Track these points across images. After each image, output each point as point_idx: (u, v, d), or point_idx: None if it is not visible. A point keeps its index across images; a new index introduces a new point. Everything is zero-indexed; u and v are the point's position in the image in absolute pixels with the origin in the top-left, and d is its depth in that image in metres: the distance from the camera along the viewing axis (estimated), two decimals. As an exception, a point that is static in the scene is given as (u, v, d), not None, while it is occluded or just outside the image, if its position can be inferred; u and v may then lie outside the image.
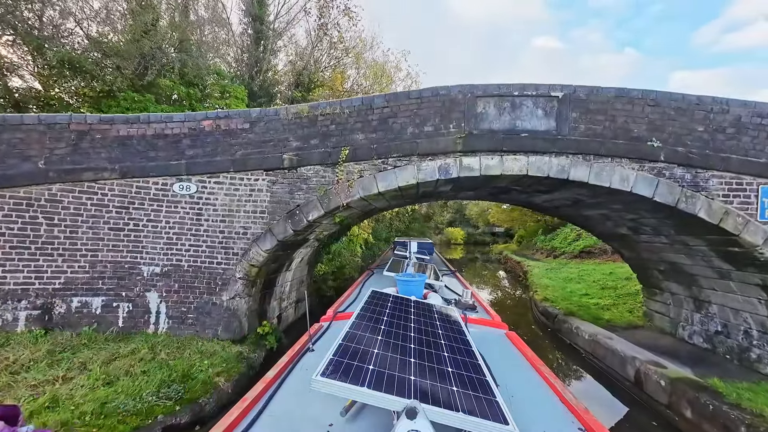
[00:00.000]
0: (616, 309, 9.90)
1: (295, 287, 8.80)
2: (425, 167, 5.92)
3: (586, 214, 7.94)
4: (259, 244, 6.23)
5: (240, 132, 6.29)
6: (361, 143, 6.07)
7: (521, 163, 5.74)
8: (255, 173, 6.29)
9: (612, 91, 5.64)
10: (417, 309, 3.40)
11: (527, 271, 17.83)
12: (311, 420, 2.07)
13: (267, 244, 6.21)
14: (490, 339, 3.62)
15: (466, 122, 5.84)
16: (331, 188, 6.13)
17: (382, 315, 2.97)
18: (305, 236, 7.06)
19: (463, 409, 1.74)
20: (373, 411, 2.06)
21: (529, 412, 2.24)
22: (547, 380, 2.75)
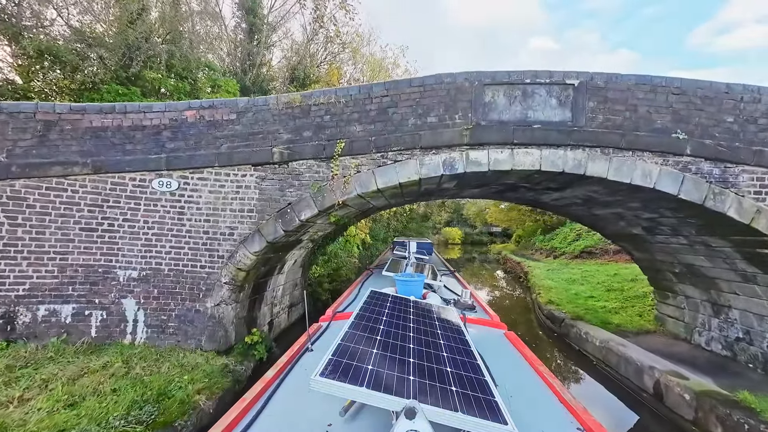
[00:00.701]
0: (625, 312, 9.41)
1: (288, 291, 8.23)
2: (428, 162, 5.38)
3: (597, 214, 7.43)
4: (247, 246, 5.66)
5: (226, 123, 5.71)
6: (358, 135, 5.52)
7: (533, 157, 5.21)
8: (242, 168, 5.72)
9: (632, 78, 5.13)
10: (416, 309, 3.37)
11: (528, 272, 17.35)
12: (310, 420, 2.06)
13: (255, 245, 5.64)
14: (488, 339, 3.60)
15: (473, 112, 5.31)
16: (326, 185, 5.58)
17: (381, 315, 2.95)
18: (298, 237, 6.50)
19: (462, 409, 1.73)
20: (372, 411, 2.05)
21: (528, 412, 2.22)
22: (545, 380, 2.73)
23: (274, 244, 5.83)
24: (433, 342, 2.64)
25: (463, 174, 5.41)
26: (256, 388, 2.40)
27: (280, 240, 5.82)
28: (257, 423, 2.05)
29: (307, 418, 2.10)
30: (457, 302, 4.86)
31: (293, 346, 3.16)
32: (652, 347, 7.35)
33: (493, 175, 5.59)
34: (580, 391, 6.74)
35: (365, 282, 6.84)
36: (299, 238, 6.61)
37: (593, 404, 6.03)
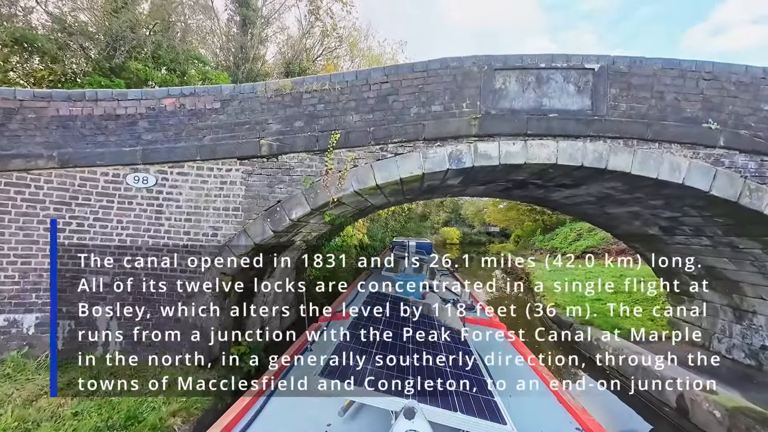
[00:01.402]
0: (636, 316, 8.90)
1: (281, 295, 7.66)
2: (433, 155, 4.83)
3: (610, 213, 6.92)
4: (232, 248, 5.08)
5: (209, 113, 5.14)
6: (355, 126, 4.97)
7: (549, 149, 4.67)
8: (227, 162, 5.14)
9: (658, 62, 4.61)
10: (415, 309, 3.31)
11: (529, 273, 16.86)
12: (309, 420, 2.07)
13: (241, 247, 5.06)
14: (488, 339, 3.58)
15: (482, 100, 4.76)
16: (319, 180, 5.02)
17: (380, 315, 2.96)
18: (290, 238, 5.93)
19: (461, 409, 1.72)
20: (372, 411, 2.02)
21: (527, 412, 2.19)
22: (544, 380, 2.76)
23: (263, 246, 5.26)
24: (432, 342, 2.61)
25: (471, 169, 4.87)
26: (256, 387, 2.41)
27: (270, 241, 5.25)
28: (257, 422, 2.06)
29: (306, 417, 2.08)
30: (457, 302, 4.81)
31: (293, 345, 3.15)
32: (669, 355, 6.85)
33: (503, 170, 5.05)
34: (595, 405, 6.21)
35: (365, 282, 6.77)
36: (291, 239, 6.04)
37: (609, 419, 5.54)
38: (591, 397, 6.00)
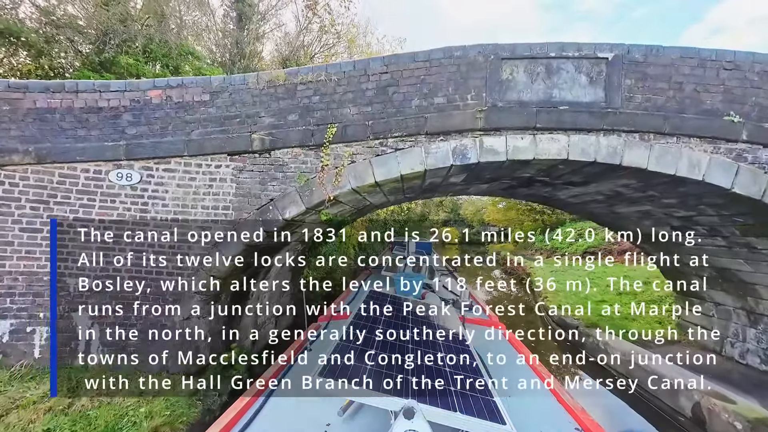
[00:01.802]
0: (643, 319, 8.61)
1: (276, 298, 7.33)
2: (435, 150, 4.52)
3: (619, 212, 6.61)
4: (222, 250, 4.75)
5: (198, 105, 4.81)
6: (352, 119, 4.65)
7: (560, 144, 4.36)
8: (216, 158, 4.82)
9: (676, 51, 4.30)
10: (415, 309, 3.34)
11: (530, 274, 16.56)
12: (309, 419, 2.05)
13: (232, 249, 4.74)
14: (487, 339, 3.59)
15: (488, 92, 4.45)
16: (314, 177, 4.69)
17: (379, 315, 2.91)
18: (284, 238, 5.60)
19: (460, 408, 1.71)
20: (371, 410, 2.02)
21: (526, 412, 2.20)
22: (544, 380, 2.72)
23: (255, 247, 4.93)
24: (431, 342, 2.60)
25: (476, 165, 4.56)
26: (255, 387, 2.37)
27: (262, 242, 4.93)
28: (256, 422, 2.03)
29: (305, 417, 2.07)
30: (456, 302, 4.70)
31: (292, 345, 3.12)
32: (679, 360, 6.57)
33: (510, 166, 4.74)
34: (603, 413, 5.91)
35: (364, 282, 6.64)
36: (286, 239, 5.71)
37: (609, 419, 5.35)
38: (591, 397, 5.89)
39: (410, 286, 4.63)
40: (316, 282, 9.37)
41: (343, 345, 2.12)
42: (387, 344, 2.33)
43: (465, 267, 21.87)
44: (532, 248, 25.25)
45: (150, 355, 4.70)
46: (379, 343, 2.32)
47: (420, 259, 8.75)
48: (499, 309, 11.63)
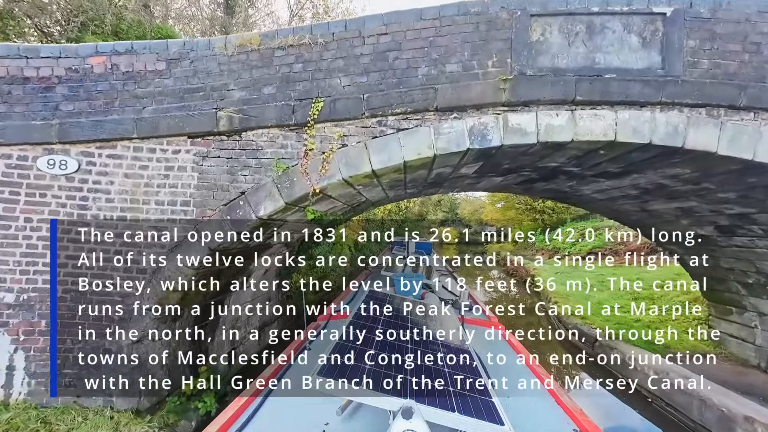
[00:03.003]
0: (667, 328, 7.69)
1: (259, 308, 6.33)
2: (448, 130, 3.55)
3: (652, 209, 5.69)
4: (182, 256, 3.76)
5: (151, 76, 3.82)
6: (344, 92, 3.67)
7: (606, 121, 3.41)
8: (174, 141, 3.82)
9: (751, 4, 3.36)
10: (414, 309, 3.31)
11: (534, 275, 15.65)
12: (307, 419, 2.04)
13: (193, 254, 3.74)
14: (486, 339, 3.55)
15: (513, 57, 3.49)
16: (296, 165, 3.71)
17: (379, 315, 2.89)
18: (263, 240, 4.62)
19: (459, 409, 1.71)
20: (369, 410, 2.00)
21: (525, 413, 2.18)
22: (543, 381, 2.69)
23: (224, 252, 3.94)
24: (431, 342, 2.58)
25: (498, 149, 3.60)
26: (253, 386, 2.34)
27: (232, 245, 3.94)
28: (254, 421, 2.00)
29: (304, 417, 2.05)
30: (456, 302, 4.66)
31: (291, 344, 3.12)
32: (719, 378, 5.64)
33: (539, 151, 3.78)
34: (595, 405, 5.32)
35: (364, 282, 6.51)
36: (265, 241, 4.72)
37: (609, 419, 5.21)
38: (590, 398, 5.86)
39: (410, 286, 4.53)
40: (307, 288, 8.38)
41: (343, 345, 2.10)
42: (386, 344, 2.31)
43: (466, 266, 21.00)
44: (533, 248, 24.38)
45: (91, 388, 3.70)
46: (378, 343, 2.29)
47: (420, 259, 8.38)
48: (507, 320, 10.71)
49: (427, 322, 3.10)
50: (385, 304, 3.26)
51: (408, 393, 1.75)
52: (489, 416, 1.71)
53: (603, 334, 7.50)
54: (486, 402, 1.85)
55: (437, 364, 2.21)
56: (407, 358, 2.16)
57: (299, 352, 3.00)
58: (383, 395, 1.70)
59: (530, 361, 3.10)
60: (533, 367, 2.98)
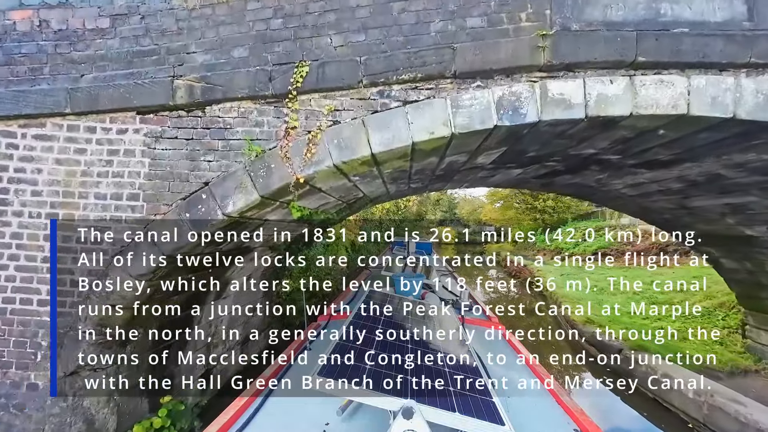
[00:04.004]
0: (695, 338, 6.92)
1: (240, 321, 5.48)
2: (470, 101, 2.72)
3: (693, 206, 4.89)
4: (128, 264, 2.91)
5: (91, 36, 2.97)
6: (335, 54, 2.84)
7: (675, 89, 2.60)
8: (119, 118, 2.97)
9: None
10: (414, 309, 3.29)
11: (538, 277, 14.88)
12: (308, 419, 2.04)
13: (142, 262, 2.89)
14: (487, 339, 3.52)
15: (554, 7, 2.68)
16: (275, 148, 2.87)
17: (379, 315, 2.86)
18: (238, 244, 3.77)
19: (459, 409, 1.71)
20: (370, 410, 1.99)
21: (526, 413, 2.18)
22: (543, 381, 2.68)
23: (185, 257, 3.09)
24: (431, 342, 2.56)
25: (533, 127, 2.78)
26: (253, 386, 2.32)
27: (195, 250, 3.10)
28: (254, 421, 2.00)
29: (304, 417, 2.05)
30: (456, 302, 4.62)
31: (291, 345, 3.08)
32: (763, 397, 4.90)
33: (582, 131, 2.96)
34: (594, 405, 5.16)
35: (364, 282, 6.42)
36: (242, 244, 3.88)
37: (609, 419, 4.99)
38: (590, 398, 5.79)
39: (410, 286, 4.44)
40: (297, 295, 7.52)
41: (343, 345, 2.08)
42: (386, 344, 2.28)
43: (466, 266, 20.23)
44: (534, 248, 23.66)
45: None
46: (378, 343, 2.26)
47: (420, 259, 8.10)
48: (512, 325, 9.91)
49: (427, 322, 3.06)
50: (385, 304, 3.22)
51: (408, 393, 1.74)
52: (490, 416, 1.71)
53: (625, 344, 6.71)
54: (486, 402, 1.85)
55: (437, 364, 2.19)
56: (407, 358, 2.15)
57: (299, 352, 2.95)
58: (383, 395, 1.70)
59: (530, 361, 3.07)
60: (533, 366, 2.96)
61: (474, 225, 39.85)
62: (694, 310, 8.07)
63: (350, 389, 1.69)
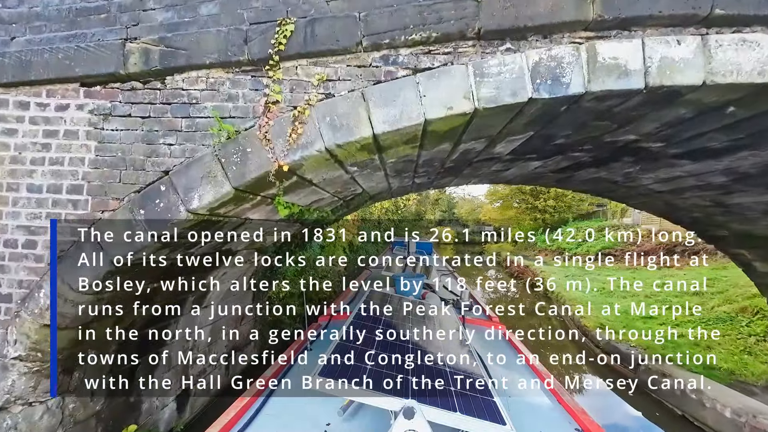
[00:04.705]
0: (721, 346, 6.37)
1: (223, 331, 4.87)
2: (497, 68, 2.13)
3: (731, 203, 4.33)
4: (67, 272, 2.30)
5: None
6: (327, 9, 2.24)
7: (763, 51, 2.02)
8: (58, 91, 2.37)
9: None
10: (414, 309, 3.27)
11: (540, 278, 14.34)
12: (309, 419, 2.02)
13: (86, 271, 2.28)
14: (487, 339, 3.50)
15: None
16: (252, 127, 2.27)
17: (379, 315, 2.84)
18: (213, 246, 3.16)
19: (460, 409, 1.70)
20: (371, 410, 1.97)
21: (527, 413, 2.17)
22: (544, 381, 2.66)
23: (140, 265, 2.49)
24: (431, 342, 2.54)
25: (576, 101, 2.20)
26: (254, 387, 2.28)
27: (156, 255, 2.49)
28: (255, 422, 1.98)
29: (305, 417, 2.03)
30: (456, 302, 4.56)
31: (292, 345, 3.04)
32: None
33: (636, 107, 2.37)
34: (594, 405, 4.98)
35: (364, 282, 6.34)
36: (217, 246, 3.27)
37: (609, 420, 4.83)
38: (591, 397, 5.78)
39: (410, 286, 4.38)
40: (290, 300, 6.92)
41: (343, 345, 2.07)
42: (387, 344, 2.25)
43: (466, 266, 19.67)
44: (534, 248, 23.13)
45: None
46: (379, 343, 2.23)
47: (420, 259, 8.00)
48: (519, 329, 9.31)
49: (428, 322, 3.04)
50: (386, 304, 3.20)
51: (409, 393, 1.72)
52: (491, 416, 1.69)
53: (645, 352, 6.15)
54: (487, 402, 1.83)
55: (438, 364, 2.16)
56: (408, 358, 2.11)
57: (300, 352, 2.92)
58: (384, 395, 1.67)
59: (531, 360, 3.06)
60: (534, 366, 2.95)
61: (473, 225, 39.37)
62: (712, 314, 7.54)
63: (351, 389, 1.68)
